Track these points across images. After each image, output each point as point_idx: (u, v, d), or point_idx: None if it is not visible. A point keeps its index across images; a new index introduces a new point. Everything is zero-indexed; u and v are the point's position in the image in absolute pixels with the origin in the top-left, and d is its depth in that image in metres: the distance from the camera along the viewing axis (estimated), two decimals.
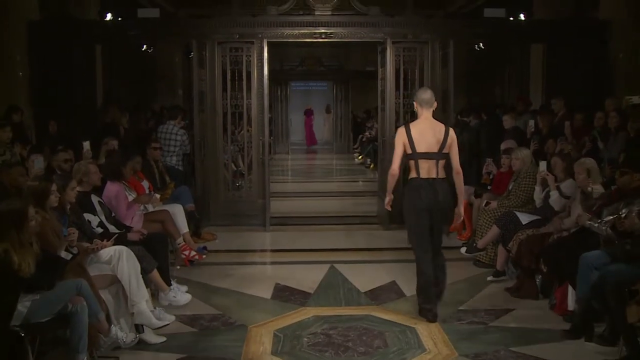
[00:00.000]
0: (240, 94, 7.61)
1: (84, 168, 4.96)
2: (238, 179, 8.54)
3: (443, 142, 4.33)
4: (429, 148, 4.31)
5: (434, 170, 4.31)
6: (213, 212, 7.75)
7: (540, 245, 4.89)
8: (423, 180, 4.31)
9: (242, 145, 8.05)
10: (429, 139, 4.33)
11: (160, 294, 4.81)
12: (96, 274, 4.01)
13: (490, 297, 5.02)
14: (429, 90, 4.59)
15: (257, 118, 7.67)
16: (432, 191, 4.29)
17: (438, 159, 4.32)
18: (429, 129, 4.36)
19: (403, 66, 7.54)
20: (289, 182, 12.79)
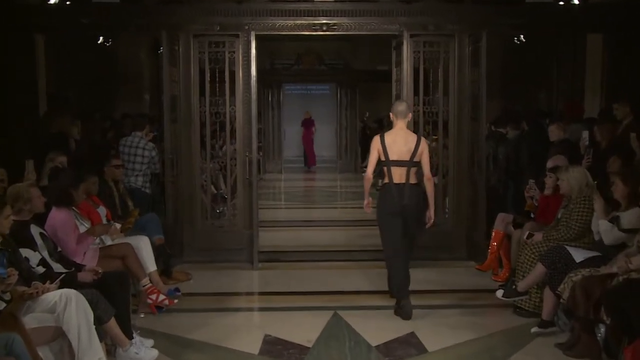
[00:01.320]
0: (222, 100, 7.65)
1: (24, 192, 4.88)
2: (219, 204, 8.54)
3: (414, 151, 5.79)
4: (401, 156, 5.79)
5: (405, 176, 5.76)
6: (188, 245, 7.76)
7: (600, 290, 4.75)
8: (394, 185, 5.79)
9: (224, 162, 8.07)
10: (401, 147, 5.80)
11: (119, 350, 4.73)
12: (34, 327, 3.95)
13: (536, 354, 4.94)
14: (404, 102, 6.22)
15: (243, 129, 7.70)
16: (401, 195, 5.76)
17: (409, 167, 5.78)
18: (401, 138, 5.84)
19: (423, 65, 7.60)
20: (282, 208, 12.78)
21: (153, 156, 7.86)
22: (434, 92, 7.76)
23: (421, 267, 7.33)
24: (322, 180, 16.69)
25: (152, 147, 7.88)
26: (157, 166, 7.95)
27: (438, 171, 7.94)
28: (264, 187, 14.52)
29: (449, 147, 7.83)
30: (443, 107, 7.69)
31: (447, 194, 7.92)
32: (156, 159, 7.89)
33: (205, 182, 7.93)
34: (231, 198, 8.12)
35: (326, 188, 15.29)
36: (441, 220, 7.84)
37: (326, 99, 20.48)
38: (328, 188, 15.21)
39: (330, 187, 15.33)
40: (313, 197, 14.45)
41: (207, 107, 7.65)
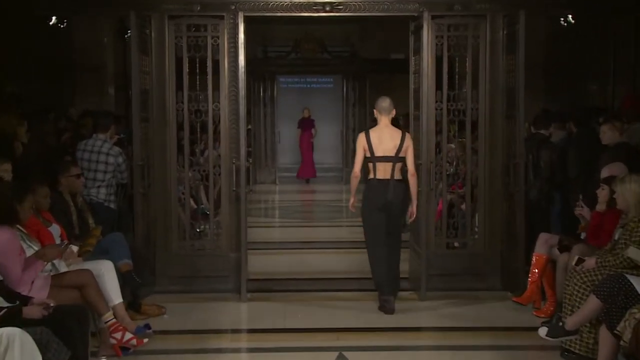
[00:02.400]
0: (203, 95, 7.66)
1: None
2: (199, 221, 8.51)
3: (399, 147, 7.04)
4: (386, 152, 7.02)
5: (389, 172, 7.03)
6: (161, 272, 7.75)
7: None
8: (378, 180, 7.04)
9: (205, 171, 8.04)
10: (386, 143, 7.03)
11: None
12: None
13: None
14: (387, 98, 7.24)
15: (229, 131, 7.70)
16: (385, 191, 7.01)
17: (394, 162, 7.04)
18: (386, 135, 7.08)
19: (447, 53, 7.60)
20: (276, 226, 12.76)
21: (119, 163, 7.82)
22: (460, 85, 7.76)
23: (446, 299, 7.32)
24: (325, 193, 16.70)
25: (118, 153, 7.86)
26: (124, 175, 7.93)
27: (466, 181, 7.92)
28: (255, 201, 14.50)
29: (479, 152, 7.82)
30: (472, 103, 7.69)
31: (476, 209, 7.91)
32: (123, 166, 7.86)
33: (183, 194, 7.93)
34: (214, 214, 8.10)
35: (329, 202, 15.28)
36: (469, 242, 7.85)
37: (329, 94, 20.48)
38: (332, 202, 15.20)
39: (335, 200, 15.30)
40: (314, 213, 14.43)
41: (186, 104, 7.65)
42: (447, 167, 7.93)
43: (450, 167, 8.13)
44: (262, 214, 13.70)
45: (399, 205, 7.14)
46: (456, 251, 8.00)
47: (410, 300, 7.42)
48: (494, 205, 7.82)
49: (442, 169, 7.78)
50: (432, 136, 7.69)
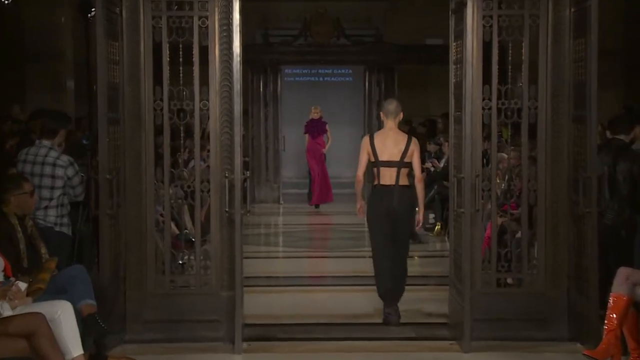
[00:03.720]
0: (188, 91, 7.69)
1: None
2: (183, 251, 8.48)
3: (404, 151, 8.20)
4: (391, 157, 8.22)
5: (395, 177, 8.19)
6: (133, 315, 7.75)
7: None
8: (383, 187, 8.25)
9: (190, 187, 8.04)
10: (391, 148, 8.23)
11: None
12: None
13: None
14: (394, 101, 8.55)
15: (221, 136, 7.73)
16: (391, 197, 8.19)
17: (399, 167, 8.19)
18: (391, 139, 8.28)
19: (498, 37, 7.62)
20: (279, 256, 12.77)
21: (70, 176, 7.79)
22: (514, 78, 7.76)
23: (497, 351, 7.31)
24: (341, 215, 16.61)
25: (68, 163, 7.81)
26: (77, 191, 7.91)
27: (521, 200, 7.88)
28: (253, 225, 14.49)
29: (539, 163, 7.79)
30: (529, 101, 7.68)
31: (535, 236, 7.88)
32: (75, 180, 7.84)
33: (162, 217, 7.91)
34: (201, 242, 8.08)
35: (347, 226, 15.26)
36: (526, 278, 7.82)
37: (347, 90, 20.51)
38: (349, 226, 15.14)
39: (353, 224, 15.21)
40: (327, 240, 14.42)
41: (166, 102, 7.67)
42: (497, 182, 7.90)
43: (501, 183, 8.11)
44: (262, 242, 13.69)
45: (405, 212, 8.31)
46: (509, 290, 8.00)
47: (451, 352, 7.39)
48: (558, 230, 7.78)
49: (491, 185, 7.75)
50: (478, 143, 7.66)
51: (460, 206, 7.54)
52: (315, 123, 18.05)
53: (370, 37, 18.47)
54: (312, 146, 17.99)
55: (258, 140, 18.46)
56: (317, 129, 18.06)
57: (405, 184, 8.26)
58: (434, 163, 15.02)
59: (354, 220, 15.52)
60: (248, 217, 13.34)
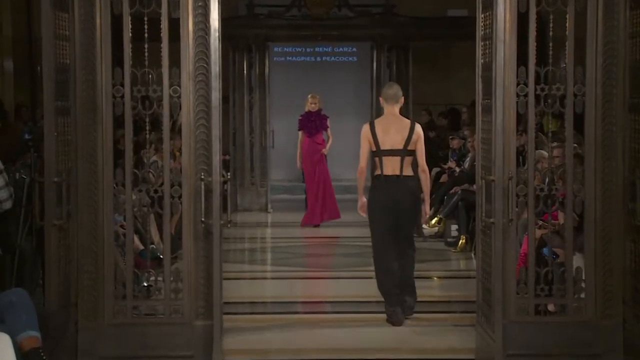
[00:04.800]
0: (155, 74, 7.71)
1: None
2: (148, 271, 8.47)
3: (408, 138, 9.20)
4: (394, 145, 9.17)
5: (398, 167, 9.13)
6: (86, 350, 7.75)
7: None
8: (386, 177, 9.17)
9: (158, 192, 8.05)
10: (393, 135, 9.21)
11: None
12: None
13: None
14: (395, 85, 9.70)
15: (196, 129, 7.76)
16: (394, 189, 9.13)
17: (403, 156, 9.16)
18: (393, 125, 9.29)
19: (537, 7, 7.63)
20: (267, 277, 12.83)
21: None
22: (556, 58, 7.74)
23: None
24: (344, 226, 16.67)
25: None
26: (3, 196, 8.00)
27: (565, 208, 7.87)
28: (235, 239, 14.61)
29: (587, 163, 7.80)
30: (574, 86, 7.70)
31: (582, 252, 7.90)
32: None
33: (122, 228, 7.96)
34: (172, 259, 8.07)
35: (352, 240, 15.28)
36: (572, 305, 7.82)
37: (351, 73, 20.52)
38: (355, 240, 15.13)
39: (359, 237, 15.18)
40: (326, 257, 14.42)
41: (128, 88, 7.70)
42: (536, 186, 7.90)
43: (541, 187, 8.10)
44: (246, 259, 13.72)
45: (410, 205, 9.33)
46: (551, 319, 8.00)
47: None
48: (610, 246, 7.79)
49: (527, 189, 7.75)
50: (511, 137, 7.68)
51: (489, 215, 7.54)
52: (312, 117, 17.01)
53: (379, 8, 18.43)
54: (308, 147, 16.94)
55: (241, 134, 18.46)
56: (315, 124, 16.96)
57: (410, 174, 9.27)
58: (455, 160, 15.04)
59: (357, 232, 15.54)
60: (229, 228, 13.22)
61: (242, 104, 18.49)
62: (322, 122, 17.01)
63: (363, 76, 19.74)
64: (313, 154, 16.91)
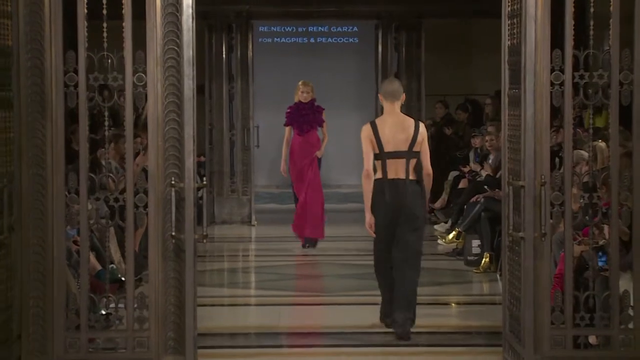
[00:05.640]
0: (115, 58, 7.73)
1: None
2: (107, 295, 8.46)
3: (413, 139, 9.74)
4: (397, 146, 9.74)
5: (403, 170, 9.71)
6: None
7: None
8: (389, 181, 9.72)
9: (119, 201, 8.03)
10: (396, 136, 9.76)
11: None
12: None
13: None
14: (395, 80, 10.37)
15: (164, 125, 7.78)
16: (397, 193, 9.70)
17: (408, 158, 9.72)
18: (396, 125, 9.84)
19: None
20: (250, 303, 12.85)
21: None
22: (598, 40, 7.75)
23: None
24: (341, 240, 16.71)
25: None
26: None
27: (610, 220, 7.86)
28: (213, 257, 14.67)
29: (635, 164, 7.78)
30: (620, 73, 7.70)
31: (631, 273, 7.89)
32: None
33: (76, 245, 7.90)
34: (136, 282, 8.06)
35: (351, 258, 15.32)
36: (618, 336, 7.80)
37: (352, 56, 20.55)
38: (355, 257, 15.18)
39: (362, 253, 15.15)
40: (321, 278, 14.48)
41: (83, 75, 7.70)
42: (574, 194, 7.89)
43: (580, 194, 8.08)
44: (225, 282, 13.72)
45: (417, 213, 9.88)
46: (593, 353, 8.01)
47: None
48: None
49: (564, 197, 7.75)
50: (543, 134, 7.71)
51: (518, 229, 7.54)
52: (304, 109, 16.32)
53: None
54: (299, 148, 16.29)
55: (219, 131, 18.45)
56: (308, 118, 16.30)
57: (415, 178, 9.85)
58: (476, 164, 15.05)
59: (360, 247, 15.52)
60: (205, 245, 13.25)
61: (221, 95, 18.45)
62: (316, 115, 16.34)
63: (366, 61, 19.75)
64: (304, 156, 16.21)
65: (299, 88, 16.30)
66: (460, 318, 11.61)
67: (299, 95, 16.29)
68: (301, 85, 16.33)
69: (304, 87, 16.26)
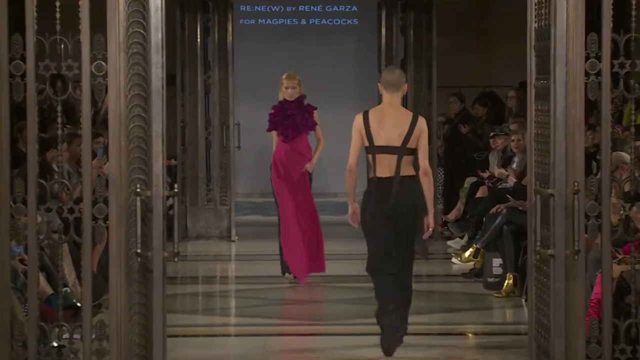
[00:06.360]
0: (70, 43, 7.75)
1: None
2: (60, 324, 8.45)
3: (408, 134, 10.26)
4: (390, 141, 10.25)
5: (395, 167, 10.20)
6: None
7: None
8: (380, 180, 10.29)
9: (74, 212, 8.03)
10: (390, 129, 10.31)
11: None
12: None
13: None
14: (396, 69, 11.06)
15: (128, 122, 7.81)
16: (390, 193, 10.20)
17: (401, 155, 10.22)
18: (391, 118, 10.39)
19: None
20: (230, 334, 12.92)
21: None
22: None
23: None
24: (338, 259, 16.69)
25: None
26: None
27: None
28: (185, 279, 14.74)
29: None
30: None
31: None
32: None
33: (23, 264, 8.05)
34: (94, 309, 8.04)
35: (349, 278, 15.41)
36: None
37: (352, 42, 20.66)
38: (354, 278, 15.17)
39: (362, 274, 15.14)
40: (315, 304, 14.60)
41: (31, 64, 7.73)
42: (614, 203, 7.88)
43: (621, 205, 8.08)
44: (200, 308, 13.76)
45: (410, 212, 10.41)
46: None
47: None
48: None
49: (601, 208, 7.73)
50: (577, 133, 7.74)
51: (546, 245, 7.53)
52: (289, 110, 15.51)
53: None
54: (284, 157, 15.53)
55: (193, 129, 18.51)
56: (295, 120, 15.49)
57: (409, 174, 10.37)
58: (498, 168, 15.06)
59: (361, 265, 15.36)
60: (176, 264, 13.26)
61: (195, 87, 18.49)
62: (305, 117, 15.57)
63: (367, 47, 19.81)
64: (291, 170, 15.47)
65: (283, 83, 15.57)
66: (480, 351, 11.65)
67: (283, 92, 15.59)
68: (285, 80, 15.60)
69: (288, 82, 15.53)
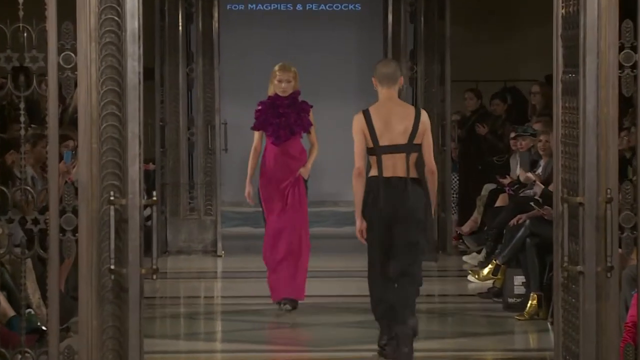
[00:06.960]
0: (35, 32, 7.78)
1: None
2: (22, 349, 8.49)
3: (413, 130, 11.04)
4: (394, 139, 11.07)
5: (402, 167, 10.99)
6: None
7: None
8: (384, 179, 11.00)
9: (39, 223, 8.06)
10: (394, 126, 11.10)
11: None
12: None
13: None
14: (392, 62, 12.52)
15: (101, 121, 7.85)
16: (395, 194, 10.94)
17: (408, 153, 11.01)
18: (393, 114, 11.20)
19: None
20: None
21: None
22: None
23: None
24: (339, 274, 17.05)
25: None
26: None
27: None
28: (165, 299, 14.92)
29: None
30: None
31: None
32: None
33: None
34: (61, 332, 8.08)
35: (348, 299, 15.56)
36: None
37: (354, 30, 20.75)
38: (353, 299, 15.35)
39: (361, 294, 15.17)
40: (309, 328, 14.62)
41: None
42: None
43: None
44: (181, 332, 13.79)
45: (418, 216, 11.15)
46: None
47: None
48: None
49: (637, 219, 7.76)
50: (610, 134, 7.76)
51: (575, 261, 7.56)
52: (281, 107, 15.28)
53: None
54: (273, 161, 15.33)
55: (174, 129, 18.53)
56: (288, 120, 15.26)
57: (417, 176, 11.17)
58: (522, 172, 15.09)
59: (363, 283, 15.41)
60: (155, 282, 13.29)
61: (177, 81, 18.50)
62: (300, 116, 15.34)
63: (371, 36, 19.87)
64: (282, 175, 15.24)
65: (275, 75, 15.30)
66: None
67: (275, 86, 15.30)
68: (278, 72, 15.34)
69: (282, 74, 15.27)
